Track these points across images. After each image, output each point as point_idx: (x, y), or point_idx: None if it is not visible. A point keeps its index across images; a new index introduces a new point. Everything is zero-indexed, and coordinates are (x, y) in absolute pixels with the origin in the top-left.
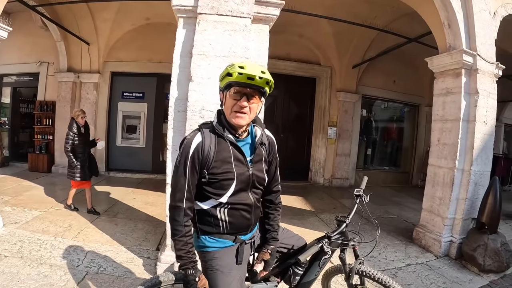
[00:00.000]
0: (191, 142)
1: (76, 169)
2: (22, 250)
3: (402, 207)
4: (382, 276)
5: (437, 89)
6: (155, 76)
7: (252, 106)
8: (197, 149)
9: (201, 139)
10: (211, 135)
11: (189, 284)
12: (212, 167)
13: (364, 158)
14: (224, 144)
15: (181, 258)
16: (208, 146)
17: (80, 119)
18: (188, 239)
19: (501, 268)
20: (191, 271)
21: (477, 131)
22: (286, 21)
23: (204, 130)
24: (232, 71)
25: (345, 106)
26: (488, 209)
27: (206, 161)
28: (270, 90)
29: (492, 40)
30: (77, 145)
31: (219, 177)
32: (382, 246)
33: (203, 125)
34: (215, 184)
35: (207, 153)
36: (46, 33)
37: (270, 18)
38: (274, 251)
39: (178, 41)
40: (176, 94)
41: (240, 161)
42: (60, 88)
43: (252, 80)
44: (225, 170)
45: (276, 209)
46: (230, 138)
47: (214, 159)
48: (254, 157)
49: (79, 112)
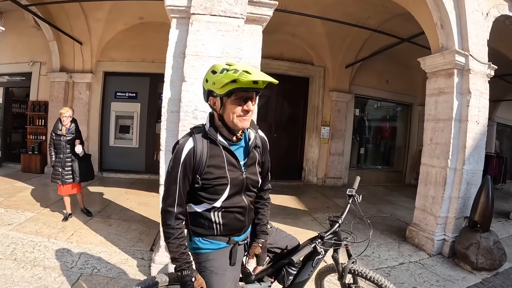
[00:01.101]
0: (182, 147)
1: (53, 170)
2: (16, 252)
3: (395, 206)
4: (375, 275)
5: (429, 89)
6: (148, 76)
7: (254, 107)
8: (189, 155)
9: (193, 145)
10: (203, 140)
11: (186, 284)
12: (205, 173)
13: (357, 157)
14: (216, 149)
15: (176, 260)
16: (200, 151)
17: (64, 118)
18: (180, 241)
19: (494, 266)
20: (186, 272)
21: (469, 131)
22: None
23: (196, 135)
24: (239, 77)
25: (338, 105)
26: (481, 208)
27: (198, 167)
28: None
29: (485, 40)
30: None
31: (213, 183)
32: (376, 245)
33: (195, 129)
34: (209, 189)
35: (199, 158)
36: (39, 32)
37: (264, 18)
38: (264, 245)
39: (171, 42)
40: (169, 94)
41: (233, 165)
42: (52, 88)
43: (257, 84)
44: (219, 175)
45: (265, 204)
46: (223, 142)
47: (206, 164)
48: (247, 160)
49: (62, 111)
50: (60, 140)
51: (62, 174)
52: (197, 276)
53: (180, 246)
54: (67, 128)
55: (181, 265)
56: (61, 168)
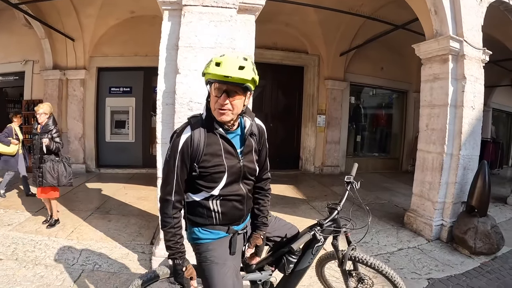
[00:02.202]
0: (180, 136)
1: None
2: (17, 252)
3: (393, 192)
4: (375, 261)
5: (424, 75)
6: (142, 69)
7: (234, 103)
8: (186, 143)
9: (190, 133)
10: (200, 129)
11: (177, 273)
12: (202, 161)
13: (354, 145)
14: (213, 137)
15: (170, 248)
16: (198, 139)
17: (38, 116)
18: (176, 230)
19: (492, 250)
20: (178, 261)
21: (465, 116)
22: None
23: (193, 124)
24: (207, 70)
25: (333, 94)
26: (478, 193)
27: (196, 155)
28: (255, 84)
29: (479, 26)
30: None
31: (210, 170)
32: (374, 232)
33: (192, 118)
34: (207, 177)
35: (197, 146)
36: (30, 31)
37: (256, 7)
38: (265, 236)
39: (164, 34)
40: (163, 87)
41: (230, 153)
42: (46, 86)
43: (229, 78)
44: (216, 163)
45: (265, 195)
46: (219, 131)
47: (204, 152)
48: (244, 148)
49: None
50: (35, 140)
51: (36, 176)
52: (188, 265)
53: (176, 235)
54: (42, 126)
55: (174, 253)
56: (36, 169)
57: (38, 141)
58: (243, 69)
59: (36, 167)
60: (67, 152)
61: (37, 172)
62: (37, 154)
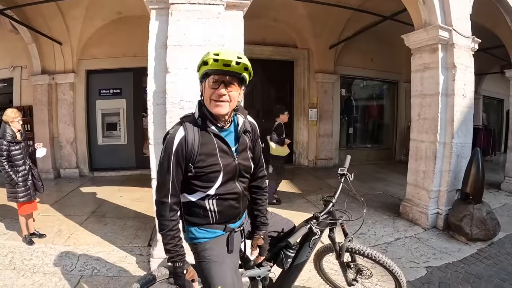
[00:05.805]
0: (173, 137)
1: (18, 187)
2: (14, 261)
3: (387, 183)
4: (372, 252)
5: (414, 65)
6: (131, 70)
7: (231, 94)
8: (181, 144)
9: (184, 134)
10: (194, 128)
11: (178, 276)
12: (197, 161)
13: (347, 137)
14: (207, 136)
15: (169, 252)
16: (192, 139)
17: (16, 123)
18: (174, 233)
19: (488, 236)
20: (179, 263)
21: (456, 104)
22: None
23: (186, 124)
24: (207, 59)
25: (324, 87)
26: (472, 180)
27: (190, 155)
28: (249, 76)
29: (467, 14)
30: (15, 156)
31: (206, 170)
32: (371, 223)
33: (184, 118)
34: (202, 177)
35: (191, 147)
36: (17, 36)
37: (244, 3)
38: (266, 235)
39: (152, 34)
40: (153, 87)
41: (225, 152)
42: (35, 92)
43: (229, 67)
44: (211, 163)
45: (263, 194)
46: (213, 129)
47: (198, 152)
48: (238, 146)
49: (16, 114)
50: (21, 149)
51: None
52: (189, 268)
53: (174, 238)
54: (22, 132)
55: (173, 256)
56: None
57: (24, 149)
58: (241, 59)
59: (27, 179)
60: (59, 157)
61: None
62: (27, 163)
